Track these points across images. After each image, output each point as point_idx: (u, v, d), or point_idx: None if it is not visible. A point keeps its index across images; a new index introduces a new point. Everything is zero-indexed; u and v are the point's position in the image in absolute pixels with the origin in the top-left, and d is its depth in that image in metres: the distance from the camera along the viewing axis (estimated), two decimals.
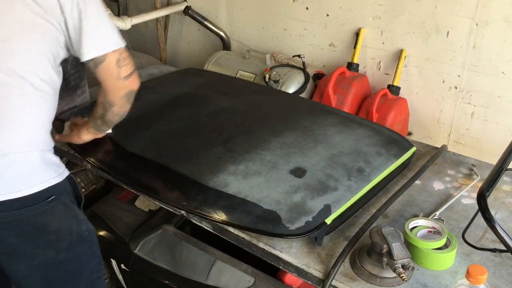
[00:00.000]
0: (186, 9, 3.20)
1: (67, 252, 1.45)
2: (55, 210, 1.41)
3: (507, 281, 1.29)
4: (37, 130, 1.39)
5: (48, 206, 1.39)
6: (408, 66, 2.55)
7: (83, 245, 1.49)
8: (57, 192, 1.40)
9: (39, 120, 1.39)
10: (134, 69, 1.47)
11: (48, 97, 1.39)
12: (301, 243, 1.43)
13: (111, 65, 1.40)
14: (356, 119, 2.03)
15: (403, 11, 2.45)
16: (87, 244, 1.50)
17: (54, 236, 1.41)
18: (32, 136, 1.37)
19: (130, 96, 1.50)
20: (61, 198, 1.42)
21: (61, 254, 1.44)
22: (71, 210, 1.46)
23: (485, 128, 2.43)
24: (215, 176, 1.60)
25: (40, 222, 1.39)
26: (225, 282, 1.64)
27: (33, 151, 1.37)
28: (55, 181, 1.40)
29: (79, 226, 1.47)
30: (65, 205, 1.43)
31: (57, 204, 1.41)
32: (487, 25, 2.24)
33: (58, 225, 1.42)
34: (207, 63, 2.96)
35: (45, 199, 1.38)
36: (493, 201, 1.58)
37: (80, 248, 1.48)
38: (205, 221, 1.52)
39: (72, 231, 1.45)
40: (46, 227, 1.40)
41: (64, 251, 1.44)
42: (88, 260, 1.53)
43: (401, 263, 1.23)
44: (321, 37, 2.81)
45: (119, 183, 1.72)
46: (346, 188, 1.55)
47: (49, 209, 1.39)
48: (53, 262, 1.44)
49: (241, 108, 2.11)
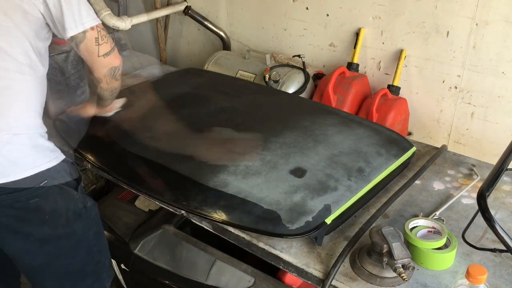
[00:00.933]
0: (186, 9, 3.20)
1: (64, 229, 1.49)
2: (49, 193, 1.44)
3: (507, 281, 1.29)
4: (22, 114, 1.42)
5: (41, 190, 1.42)
6: (408, 66, 2.54)
7: (80, 222, 1.53)
8: (51, 176, 1.43)
9: (24, 103, 1.42)
10: (113, 46, 1.56)
11: (33, 81, 1.43)
12: (301, 243, 1.43)
13: (90, 43, 1.48)
14: (356, 119, 2.03)
15: (403, 11, 2.45)
16: (84, 220, 1.55)
17: (49, 216, 1.45)
18: (18, 120, 1.40)
19: (115, 72, 1.59)
20: (55, 181, 1.45)
21: (58, 230, 1.48)
22: (66, 191, 1.49)
23: (485, 128, 2.43)
24: (215, 176, 1.60)
25: (34, 205, 1.42)
26: (225, 282, 1.64)
27: (20, 134, 1.40)
28: (47, 166, 1.43)
29: (75, 205, 1.51)
30: (59, 187, 1.46)
31: (50, 188, 1.44)
32: (487, 25, 2.24)
33: (53, 205, 1.45)
34: (207, 63, 2.96)
35: (38, 184, 1.41)
36: (493, 201, 1.58)
37: (78, 224, 1.53)
38: (205, 221, 1.52)
39: (68, 209, 1.49)
40: (39, 209, 1.43)
41: (62, 227, 1.48)
42: (85, 236, 1.56)
43: (401, 263, 1.23)
44: (321, 37, 2.81)
45: (119, 183, 1.72)
46: (346, 188, 1.55)
47: (42, 193, 1.42)
48: (51, 237, 1.48)
49: (241, 108, 2.11)
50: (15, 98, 1.40)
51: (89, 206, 1.56)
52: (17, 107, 1.41)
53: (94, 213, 1.60)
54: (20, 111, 1.42)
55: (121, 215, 2.04)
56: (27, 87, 1.43)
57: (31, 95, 1.45)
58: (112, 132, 1.89)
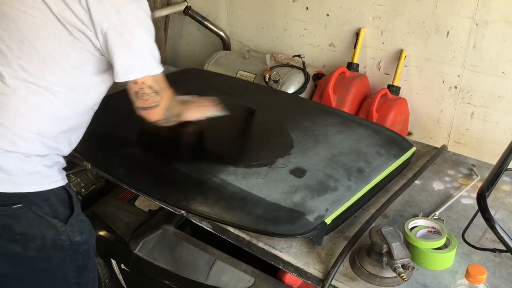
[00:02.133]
0: (186, 9, 3.21)
1: (38, 252, 1.40)
2: (22, 216, 1.35)
3: (507, 281, 1.29)
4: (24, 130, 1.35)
5: (14, 211, 1.34)
6: (408, 66, 2.55)
7: (60, 252, 1.43)
8: (29, 201, 1.35)
9: (28, 122, 1.35)
10: (154, 105, 1.45)
11: (49, 104, 1.37)
12: (301, 243, 1.43)
13: (130, 91, 1.41)
14: (356, 119, 2.03)
15: (403, 11, 2.45)
16: (67, 252, 1.44)
17: (20, 236, 1.37)
18: (17, 134, 1.34)
19: (152, 122, 1.51)
20: (33, 208, 1.36)
21: (29, 252, 1.39)
22: (46, 221, 1.38)
23: (485, 128, 2.43)
24: (215, 176, 1.60)
25: (2, 222, 1.35)
26: (225, 282, 1.64)
27: (12, 152, 1.33)
28: (28, 189, 1.35)
29: (57, 235, 1.40)
30: (36, 215, 1.37)
31: (25, 212, 1.35)
32: (487, 25, 2.24)
33: (25, 229, 1.36)
34: (207, 63, 2.96)
35: (11, 205, 1.33)
36: (493, 201, 1.58)
37: (55, 253, 1.43)
38: (205, 221, 1.52)
39: (46, 237, 1.39)
40: (9, 227, 1.35)
41: (35, 250, 1.39)
42: (64, 265, 1.46)
43: (401, 263, 1.23)
44: (321, 37, 2.82)
45: (119, 183, 1.72)
46: (346, 188, 1.55)
47: (14, 214, 1.34)
48: (20, 256, 1.39)
49: (241, 108, 2.11)
50: (20, 113, 1.34)
51: (77, 241, 1.45)
52: (20, 122, 1.34)
53: (83, 248, 1.47)
54: (22, 127, 1.34)
55: (121, 215, 2.04)
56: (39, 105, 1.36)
57: (40, 116, 1.37)
58: (112, 131, 1.89)
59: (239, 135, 1.95)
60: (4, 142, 1.33)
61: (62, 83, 1.36)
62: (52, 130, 1.40)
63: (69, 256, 1.45)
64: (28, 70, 1.33)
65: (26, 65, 1.33)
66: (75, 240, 1.44)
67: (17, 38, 1.32)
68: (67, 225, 1.42)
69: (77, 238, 1.45)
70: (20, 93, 1.33)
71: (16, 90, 1.33)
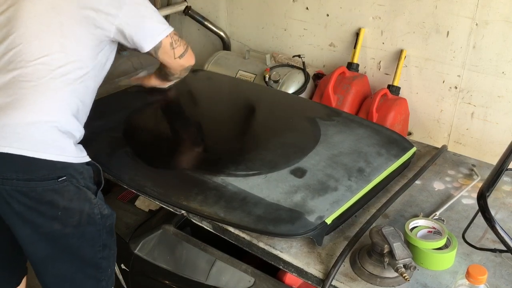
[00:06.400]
0: (186, 9, 3.20)
1: (74, 229, 1.48)
2: (65, 190, 1.43)
3: (507, 281, 1.29)
4: (64, 109, 1.47)
5: (58, 185, 1.41)
6: (408, 66, 2.55)
7: (92, 227, 1.52)
8: (70, 174, 1.43)
9: (65, 103, 1.47)
10: (186, 47, 1.74)
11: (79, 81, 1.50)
12: (301, 243, 1.43)
13: (166, 48, 1.65)
14: (356, 119, 2.03)
15: (403, 11, 2.46)
16: (98, 226, 1.54)
17: (62, 212, 1.44)
18: (55, 110, 1.45)
19: (188, 69, 1.84)
20: (73, 180, 1.44)
21: (67, 229, 1.47)
22: (84, 193, 1.48)
23: (485, 128, 2.43)
24: (215, 176, 1.60)
25: (48, 197, 1.41)
26: (225, 282, 1.64)
27: (57, 123, 1.44)
28: (73, 160, 1.45)
29: (91, 209, 1.50)
30: (76, 187, 1.45)
31: (68, 185, 1.43)
32: (487, 25, 2.24)
33: (67, 203, 1.44)
34: (207, 63, 2.96)
35: (55, 178, 1.41)
36: (493, 201, 1.58)
37: (89, 228, 1.51)
38: (205, 221, 1.52)
39: (83, 211, 1.48)
40: (53, 203, 1.42)
41: (72, 227, 1.47)
42: (93, 241, 1.55)
43: (403, 263, 1.23)
44: (321, 37, 2.82)
45: (119, 183, 1.72)
46: (346, 188, 1.55)
47: (59, 188, 1.42)
48: (58, 234, 1.47)
49: (241, 108, 2.11)
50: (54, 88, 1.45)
51: (105, 214, 1.55)
52: (54, 102, 1.46)
53: (109, 222, 1.58)
54: (59, 105, 1.46)
55: (121, 215, 2.04)
56: (73, 88, 1.49)
57: (68, 95, 1.49)
58: (112, 131, 1.89)
59: (239, 135, 1.95)
60: (41, 115, 1.43)
61: (89, 58, 1.53)
62: (81, 106, 1.53)
63: (99, 231, 1.54)
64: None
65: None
66: (104, 213, 1.54)
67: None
68: (97, 198, 1.52)
69: (105, 211, 1.55)
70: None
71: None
